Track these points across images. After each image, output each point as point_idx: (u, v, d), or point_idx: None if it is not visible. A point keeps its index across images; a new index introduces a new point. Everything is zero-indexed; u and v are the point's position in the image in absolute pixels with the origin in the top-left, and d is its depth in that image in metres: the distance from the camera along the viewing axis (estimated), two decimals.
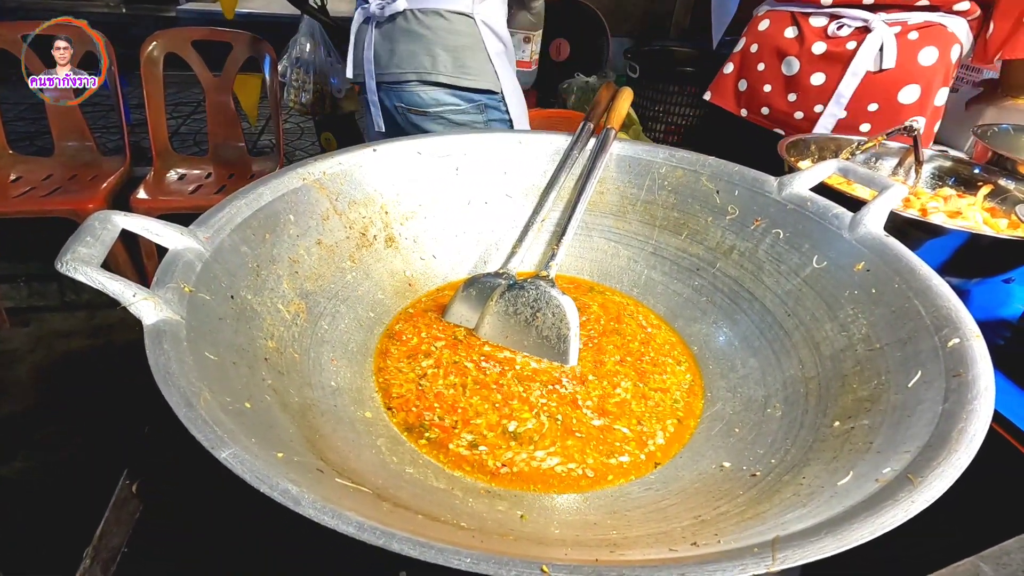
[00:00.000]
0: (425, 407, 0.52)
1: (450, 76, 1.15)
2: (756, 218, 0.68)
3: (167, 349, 0.36)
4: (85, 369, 1.72)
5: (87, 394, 1.63)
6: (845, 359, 0.50)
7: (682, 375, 0.60)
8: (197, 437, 0.29)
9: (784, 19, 1.08)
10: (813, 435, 0.45)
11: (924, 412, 0.37)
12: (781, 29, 1.08)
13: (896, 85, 0.98)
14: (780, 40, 1.07)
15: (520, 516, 0.42)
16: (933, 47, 0.95)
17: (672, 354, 0.63)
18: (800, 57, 1.05)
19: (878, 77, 0.99)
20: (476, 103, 1.19)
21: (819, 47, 1.02)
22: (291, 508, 0.26)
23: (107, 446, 1.43)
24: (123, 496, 0.37)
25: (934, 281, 0.48)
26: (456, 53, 1.14)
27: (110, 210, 0.45)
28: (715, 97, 1.23)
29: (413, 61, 1.15)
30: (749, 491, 0.41)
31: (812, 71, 1.04)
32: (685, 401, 0.56)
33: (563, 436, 0.50)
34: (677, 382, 0.59)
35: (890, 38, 0.96)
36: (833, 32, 1.01)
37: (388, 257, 0.72)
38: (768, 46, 1.09)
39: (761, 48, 1.11)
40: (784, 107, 1.10)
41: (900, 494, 0.29)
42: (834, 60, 1.01)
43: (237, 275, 0.52)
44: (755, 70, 1.13)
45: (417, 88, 1.17)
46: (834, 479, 0.35)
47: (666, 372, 0.60)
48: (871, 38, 0.97)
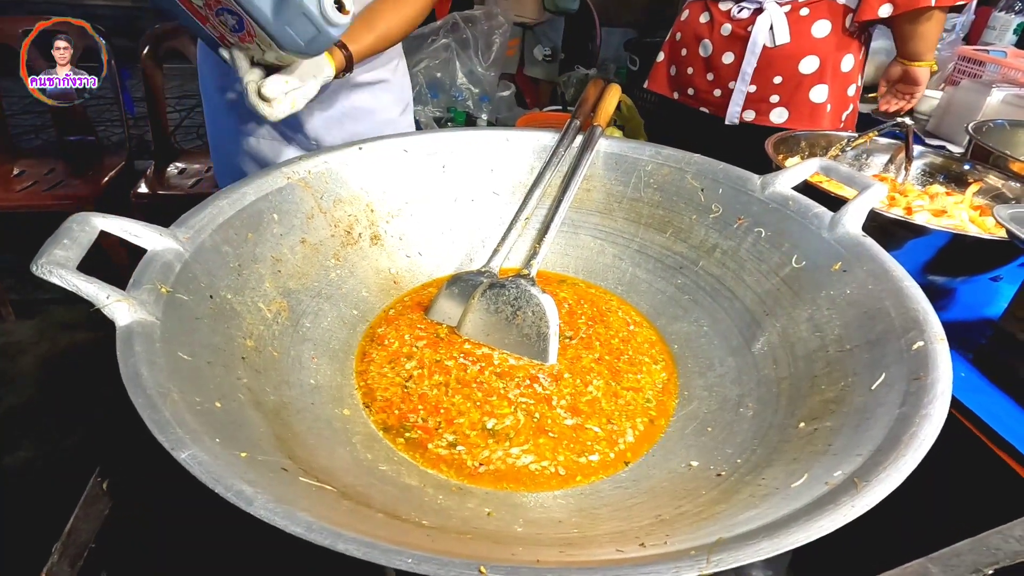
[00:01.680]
0: (409, 409, 0.52)
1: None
2: (739, 216, 0.68)
3: (138, 351, 0.37)
4: (88, 361, 1.75)
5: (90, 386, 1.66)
6: (817, 360, 0.51)
7: (657, 374, 0.60)
8: (158, 438, 0.30)
9: (699, 7, 1.19)
10: (779, 435, 0.45)
11: (882, 415, 0.37)
12: (697, 15, 1.19)
13: (794, 58, 1.07)
14: (697, 26, 1.18)
15: (487, 513, 0.43)
16: (826, 20, 1.04)
17: (650, 353, 0.63)
18: (712, 39, 1.15)
19: (776, 52, 1.08)
20: None
21: (726, 28, 1.12)
22: (243, 508, 0.27)
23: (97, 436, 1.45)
24: (94, 493, 0.38)
25: (906, 283, 0.48)
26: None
27: (89, 212, 0.46)
28: (651, 84, 1.33)
29: None
30: (712, 491, 0.41)
31: (723, 51, 1.14)
32: (658, 400, 0.57)
33: (536, 434, 0.51)
34: (651, 381, 0.59)
35: (779, 16, 1.05)
36: (735, 14, 1.11)
37: (373, 255, 0.72)
38: (688, 32, 1.20)
39: (683, 35, 1.21)
40: (705, 86, 1.20)
41: (842, 498, 0.29)
42: (737, 40, 1.11)
43: (217, 275, 0.53)
44: (680, 55, 1.23)
45: None
46: (790, 480, 0.35)
47: (641, 371, 0.60)
48: (762, 18, 1.07)
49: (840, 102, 1.11)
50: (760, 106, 1.13)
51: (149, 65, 1.80)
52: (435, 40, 1.86)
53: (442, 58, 1.85)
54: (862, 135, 0.86)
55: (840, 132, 0.91)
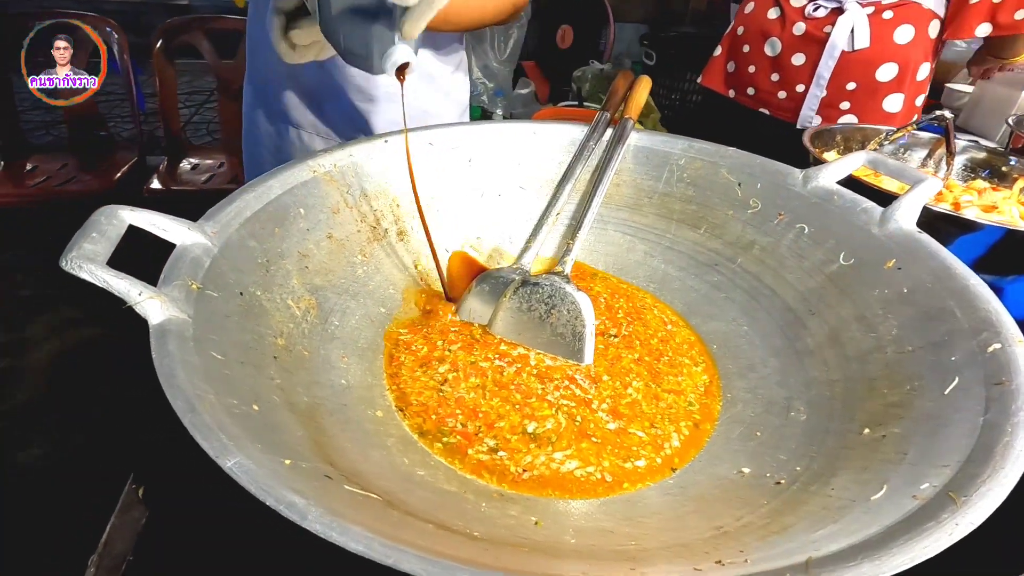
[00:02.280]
0: (447, 414, 0.50)
1: None
2: (779, 212, 0.65)
3: (172, 350, 0.35)
4: (99, 357, 1.74)
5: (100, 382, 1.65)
6: (873, 362, 0.48)
7: (698, 376, 0.58)
8: (202, 445, 0.28)
9: (768, 1, 1.11)
10: (840, 442, 0.43)
11: (962, 423, 0.35)
12: (765, 11, 1.10)
13: (873, 64, 1.00)
14: (764, 22, 1.10)
15: (534, 522, 0.41)
16: (909, 25, 0.96)
17: (690, 354, 0.61)
18: (782, 38, 1.07)
19: (854, 56, 1.00)
20: None
21: (799, 28, 1.05)
22: (297, 523, 0.25)
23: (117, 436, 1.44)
24: (129, 501, 0.37)
25: (971, 281, 0.46)
26: None
27: (117, 205, 0.44)
28: (706, 79, 1.26)
29: None
30: (772, 501, 0.39)
31: (793, 51, 1.07)
32: (701, 404, 0.55)
33: (578, 438, 0.49)
34: (693, 384, 0.57)
35: (862, 18, 0.97)
36: (810, 13, 1.03)
37: (400, 251, 0.70)
38: (753, 28, 1.12)
39: (747, 30, 1.13)
40: (768, 87, 1.13)
41: (941, 515, 0.27)
42: (812, 41, 1.04)
43: (245, 271, 0.51)
44: (741, 52, 1.15)
45: None
46: (866, 492, 0.33)
47: (682, 373, 0.58)
48: (843, 19, 0.99)
49: (909, 113, 1.05)
50: (828, 112, 1.07)
51: (161, 60, 1.78)
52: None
53: None
54: (900, 129, 0.83)
55: (878, 126, 0.88)
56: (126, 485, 0.37)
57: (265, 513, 0.27)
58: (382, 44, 0.48)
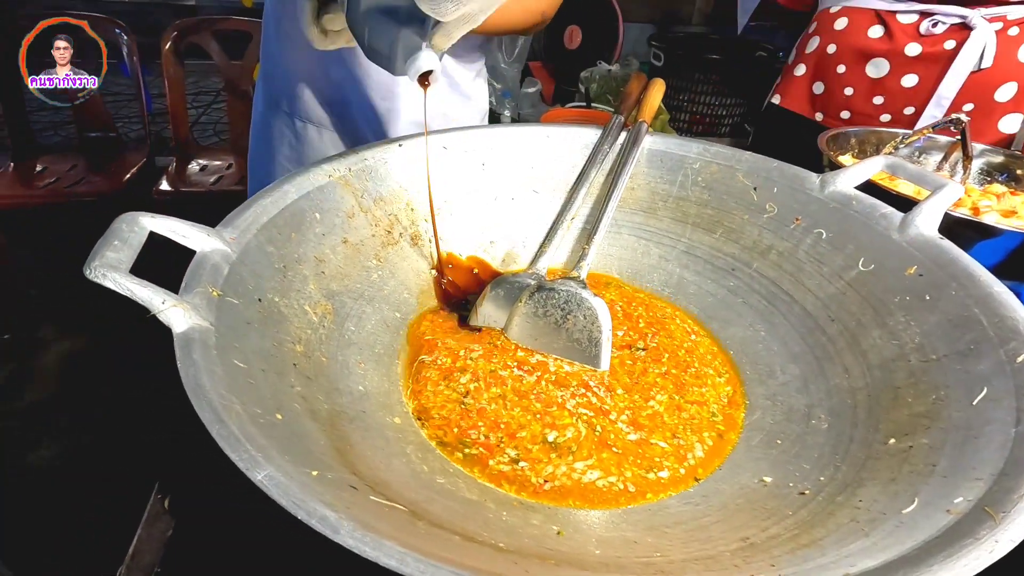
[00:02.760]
0: (469, 426, 0.50)
1: None
2: (796, 217, 0.65)
3: (197, 360, 0.35)
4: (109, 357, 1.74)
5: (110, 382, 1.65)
6: (897, 369, 0.48)
7: (721, 387, 0.57)
8: (232, 457, 0.28)
9: (866, 17, 0.99)
10: (865, 452, 0.42)
11: (994, 434, 0.34)
12: (863, 28, 1.00)
13: (993, 84, 0.94)
14: (863, 40, 1.00)
15: (557, 532, 0.41)
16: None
17: (713, 364, 0.60)
18: (889, 58, 0.98)
19: (976, 76, 0.94)
20: None
21: (913, 48, 0.96)
22: (330, 537, 0.25)
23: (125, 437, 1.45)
24: (155, 512, 0.37)
25: (996, 288, 0.46)
26: None
27: (137, 212, 0.44)
28: (786, 100, 1.17)
29: None
30: (799, 511, 0.39)
31: (903, 72, 0.98)
32: (724, 414, 0.54)
33: (599, 448, 0.48)
34: (716, 395, 0.56)
35: (992, 37, 0.91)
36: (927, 30, 0.94)
37: (414, 255, 0.70)
38: (849, 47, 1.02)
39: (840, 49, 1.03)
40: (869, 110, 1.05)
41: (980, 531, 0.27)
42: (930, 60, 0.96)
43: (264, 276, 0.51)
44: (834, 72, 1.05)
45: None
46: (897, 505, 0.33)
47: (706, 384, 0.57)
48: (975, 36, 0.91)
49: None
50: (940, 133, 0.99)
51: (170, 62, 1.79)
52: None
53: None
54: (915, 132, 0.82)
55: (893, 128, 0.87)
56: (151, 496, 0.37)
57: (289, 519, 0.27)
58: (408, 49, 0.47)
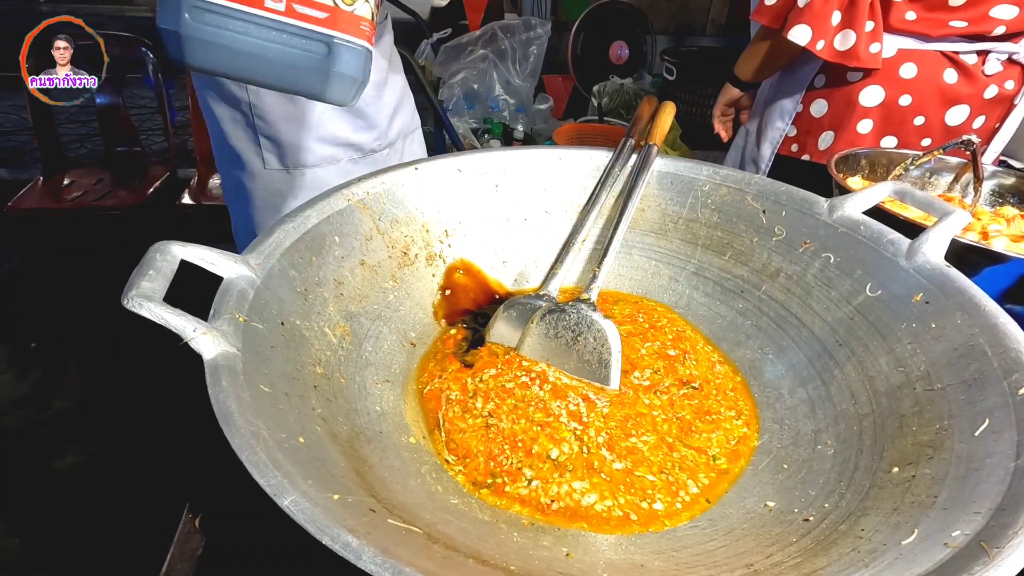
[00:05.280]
0: (499, 452, 0.51)
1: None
2: (805, 240, 0.66)
3: (226, 386, 0.37)
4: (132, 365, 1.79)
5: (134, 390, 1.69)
6: (903, 397, 0.48)
7: (737, 429, 0.56)
8: (260, 483, 0.30)
9: (937, 61, 0.93)
10: (870, 480, 0.43)
11: (995, 468, 0.35)
12: (936, 73, 0.94)
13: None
14: (941, 86, 0.94)
15: (566, 554, 0.42)
16: None
17: (737, 404, 0.59)
18: (971, 103, 0.94)
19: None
20: None
21: (991, 91, 0.93)
22: (352, 563, 0.27)
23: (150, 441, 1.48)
24: (186, 531, 0.39)
25: (1001, 319, 0.46)
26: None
27: (169, 241, 0.46)
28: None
29: None
30: (803, 539, 0.40)
31: (977, 114, 0.96)
32: (730, 452, 0.54)
33: (589, 473, 0.49)
34: (724, 439, 0.55)
35: None
36: (990, 71, 0.93)
37: (428, 275, 0.72)
38: (927, 95, 0.95)
39: (918, 99, 0.96)
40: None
41: (973, 566, 0.28)
42: (996, 101, 0.95)
43: (286, 300, 0.53)
44: (910, 124, 0.98)
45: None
46: (897, 536, 0.34)
47: (719, 429, 0.56)
48: None
49: None
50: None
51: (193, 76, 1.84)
52: (473, 51, 1.86)
53: (479, 69, 1.85)
54: (926, 153, 0.83)
55: (902, 150, 0.88)
56: (183, 515, 0.40)
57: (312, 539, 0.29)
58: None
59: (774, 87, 1.12)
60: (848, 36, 0.91)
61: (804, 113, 1.07)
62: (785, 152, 1.11)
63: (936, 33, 0.91)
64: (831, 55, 0.92)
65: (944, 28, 0.90)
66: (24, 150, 3.01)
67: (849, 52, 0.91)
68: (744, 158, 1.22)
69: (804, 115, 1.07)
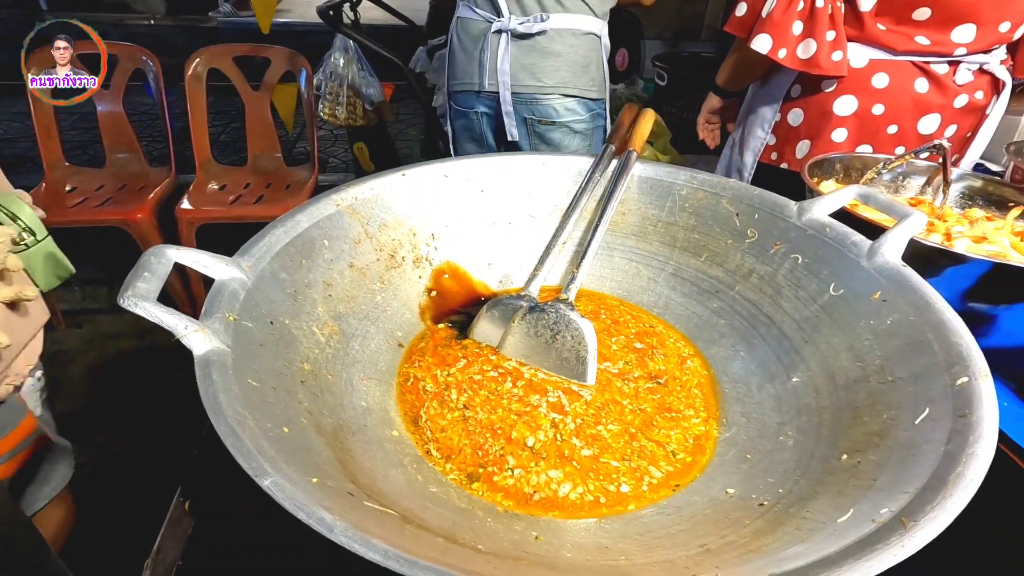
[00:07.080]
0: (483, 442, 0.54)
1: (582, 89, 1.35)
2: (776, 242, 0.69)
3: (215, 379, 0.40)
4: (133, 368, 1.82)
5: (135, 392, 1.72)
6: (859, 390, 0.51)
7: (695, 428, 0.59)
8: (243, 466, 0.33)
9: (908, 71, 0.96)
10: (823, 467, 0.46)
11: (929, 452, 0.38)
12: (908, 83, 0.96)
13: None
14: (913, 96, 0.96)
15: (535, 537, 0.45)
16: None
17: (694, 404, 0.62)
18: (942, 112, 0.97)
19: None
20: (592, 111, 1.39)
21: (961, 100, 0.96)
22: (325, 535, 0.30)
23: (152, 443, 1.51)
24: (177, 514, 0.41)
25: (948, 315, 0.49)
26: (586, 68, 1.33)
27: (164, 244, 0.49)
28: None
29: (555, 76, 1.32)
30: (756, 521, 0.42)
31: (949, 123, 0.98)
32: (690, 449, 0.56)
33: (561, 463, 0.52)
34: (682, 438, 0.57)
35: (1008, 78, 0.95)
36: (962, 81, 0.95)
37: (415, 277, 0.75)
38: (900, 105, 0.97)
39: (890, 108, 0.98)
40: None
41: (891, 537, 0.30)
42: (967, 110, 0.98)
43: (276, 301, 0.56)
44: (884, 133, 1.00)
45: (555, 101, 1.28)
46: (836, 515, 0.36)
47: (677, 427, 0.58)
48: (1006, 90, 0.95)
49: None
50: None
51: (193, 83, 1.87)
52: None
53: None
54: (898, 157, 0.85)
55: (876, 154, 0.91)
56: (174, 499, 0.42)
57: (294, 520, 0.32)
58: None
59: (754, 97, 1.15)
60: (809, 45, 0.95)
61: (782, 122, 1.10)
62: (766, 160, 1.14)
63: (902, 48, 0.94)
64: (794, 63, 0.96)
65: (910, 43, 0.93)
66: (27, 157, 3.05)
67: (811, 60, 0.95)
68: (730, 166, 1.25)
69: (782, 124, 1.10)
